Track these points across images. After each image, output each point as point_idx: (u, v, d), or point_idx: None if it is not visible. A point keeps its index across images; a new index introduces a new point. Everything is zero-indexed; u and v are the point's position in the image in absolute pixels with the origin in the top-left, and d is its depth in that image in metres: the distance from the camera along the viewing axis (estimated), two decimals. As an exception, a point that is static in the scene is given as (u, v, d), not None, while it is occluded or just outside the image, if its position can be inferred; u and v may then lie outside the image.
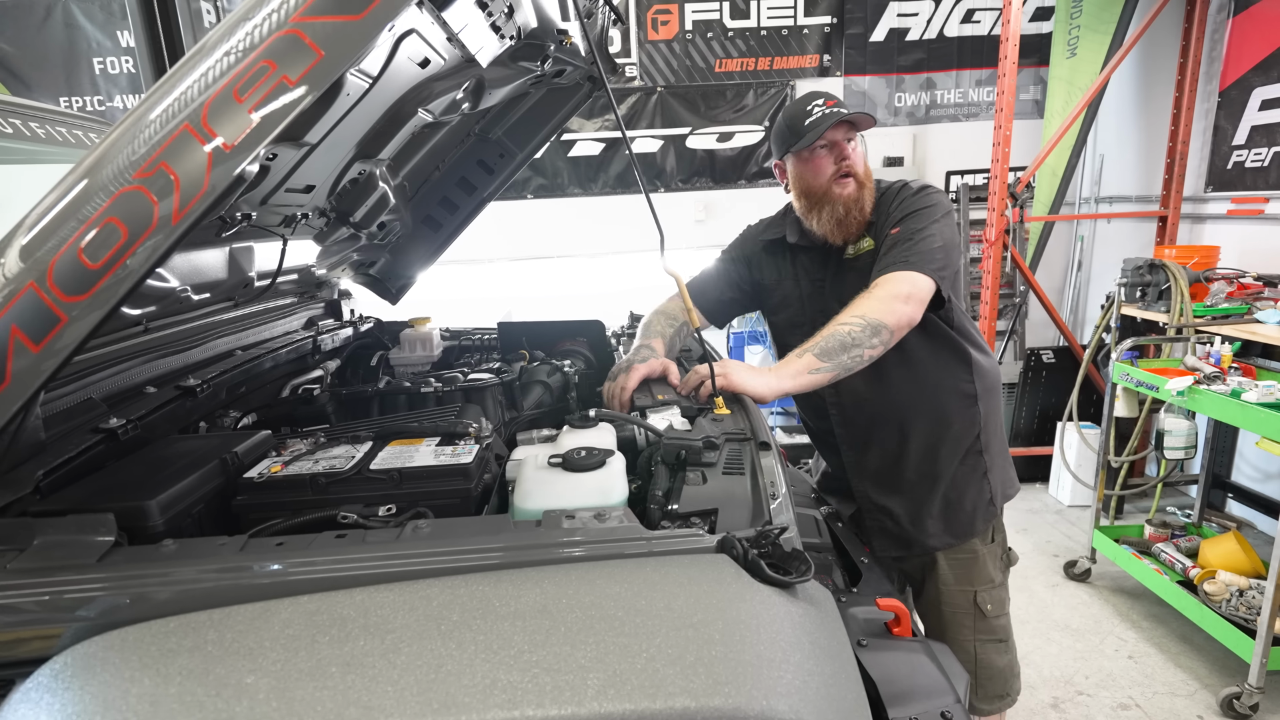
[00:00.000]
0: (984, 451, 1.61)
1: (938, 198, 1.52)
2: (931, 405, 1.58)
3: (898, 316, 1.34)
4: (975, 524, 1.61)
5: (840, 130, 1.50)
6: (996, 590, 1.64)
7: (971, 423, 1.59)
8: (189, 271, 1.23)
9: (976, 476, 1.61)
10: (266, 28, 0.70)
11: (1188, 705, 2.31)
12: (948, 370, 1.58)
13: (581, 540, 0.82)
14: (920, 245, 1.43)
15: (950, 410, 1.58)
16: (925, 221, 1.47)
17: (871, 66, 4.31)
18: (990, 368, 1.63)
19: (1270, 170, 3.25)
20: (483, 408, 1.45)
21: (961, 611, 1.62)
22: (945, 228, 1.48)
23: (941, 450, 1.59)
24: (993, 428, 1.64)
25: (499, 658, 0.63)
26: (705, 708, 0.60)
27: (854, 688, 0.73)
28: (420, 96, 1.57)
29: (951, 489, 1.60)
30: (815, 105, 1.50)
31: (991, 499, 1.62)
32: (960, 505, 1.60)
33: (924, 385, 1.57)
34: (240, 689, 0.61)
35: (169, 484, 0.91)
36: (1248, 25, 3.36)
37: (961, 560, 1.62)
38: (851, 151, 1.51)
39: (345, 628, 0.67)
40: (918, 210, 1.49)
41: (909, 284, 1.37)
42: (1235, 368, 2.58)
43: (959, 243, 1.53)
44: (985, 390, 1.61)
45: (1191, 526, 3.00)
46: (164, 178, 0.68)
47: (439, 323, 2.27)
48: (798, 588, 0.81)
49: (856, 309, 1.36)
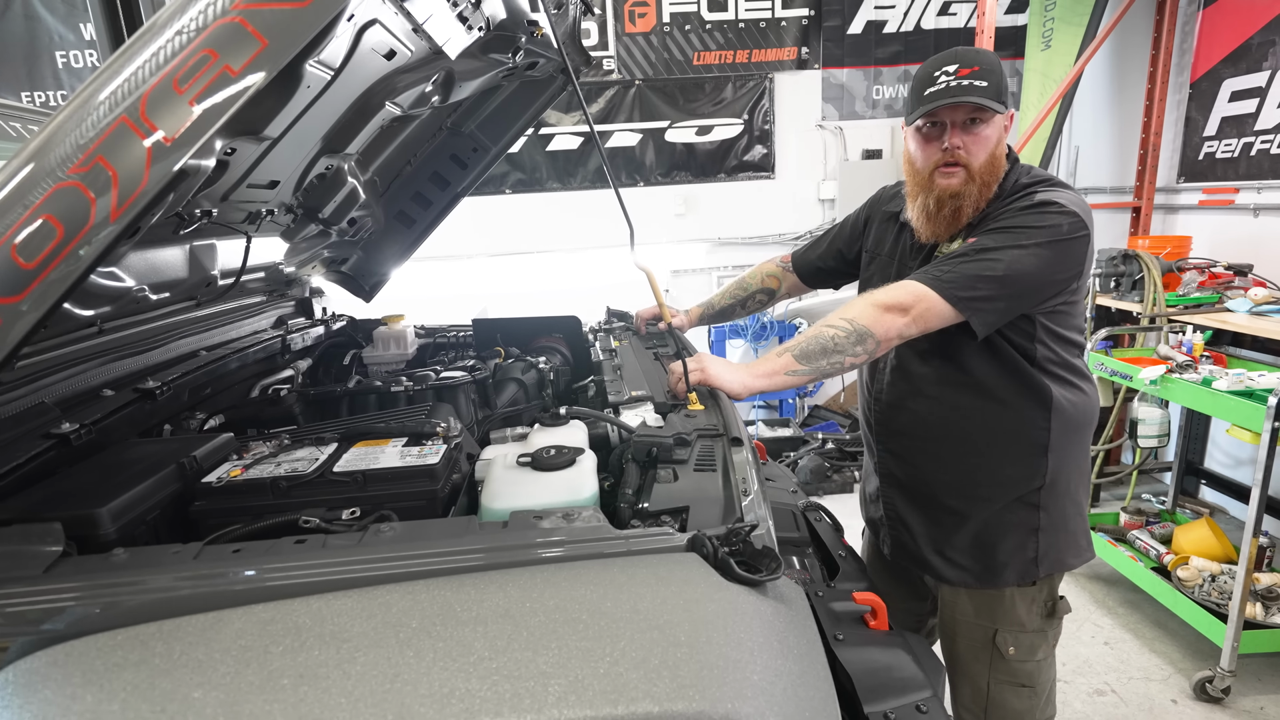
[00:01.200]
0: (1041, 507, 1.39)
1: (1055, 220, 1.23)
2: (982, 438, 1.38)
3: (887, 328, 1.23)
4: (1004, 576, 1.42)
5: (961, 112, 1.25)
6: (1026, 636, 1.44)
7: (1033, 473, 1.38)
8: (146, 270, 1.19)
9: (1021, 530, 1.40)
10: (209, 14, 0.67)
11: (1162, 689, 2.35)
12: (1016, 407, 1.35)
13: (548, 541, 0.80)
14: (967, 266, 1.23)
15: (1007, 450, 1.38)
16: (1006, 242, 1.23)
17: (849, 59, 4.31)
18: (1077, 414, 1.37)
19: (1240, 161, 3.30)
20: (455, 407, 1.42)
21: (978, 646, 1.46)
22: (1030, 257, 1.22)
23: (983, 489, 1.40)
24: (1063, 485, 1.40)
25: (458, 665, 0.62)
26: (669, 712, 0.58)
27: (823, 686, 0.72)
28: (388, 89, 1.54)
29: (985, 531, 1.41)
30: (944, 72, 1.24)
31: (1036, 560, 1.40)
32: (992, 553, 1.42)
33: (981, 416, 1.37)
34: (187, 703, 0.59)
35: (122, 490, 0.88)
36: (1217, 17, 3.40)
37: (986, 595, 1.45)
38: (970, 139, 1.26)
39: (300, 637, 0.65)
40: (1013, 227, 1.25)
41: (912, 297, 1.23)
42: (1207, 356, 2.61)
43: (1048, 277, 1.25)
44: (1061, 439, 1.36)
45: (1165, 513, 3.04)
46: (101, 173, 0.65)
47: (414, 320, 2.24)
48: (768, 585, 0.81)
49: (848, 311, 1.26)
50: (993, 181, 1.30)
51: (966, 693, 1.53)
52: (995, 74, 1.24)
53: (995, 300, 1.22)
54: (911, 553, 1.52)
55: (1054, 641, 1.48)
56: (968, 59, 1.24)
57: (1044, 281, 1.25)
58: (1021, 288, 1.23)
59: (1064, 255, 1.24)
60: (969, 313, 1.23)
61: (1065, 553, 1.43)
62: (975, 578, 1.44)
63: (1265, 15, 3.13)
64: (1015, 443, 1.37)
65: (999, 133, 1.28)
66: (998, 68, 1.26)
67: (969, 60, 1.24)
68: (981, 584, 1.43)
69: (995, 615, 1.45)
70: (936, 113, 1.26)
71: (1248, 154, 3.25)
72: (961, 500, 1.42)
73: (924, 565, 1.51)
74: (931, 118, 1.27)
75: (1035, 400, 1.34)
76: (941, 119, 1.27)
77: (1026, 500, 1.39)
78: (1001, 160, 1.31)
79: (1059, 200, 1.24)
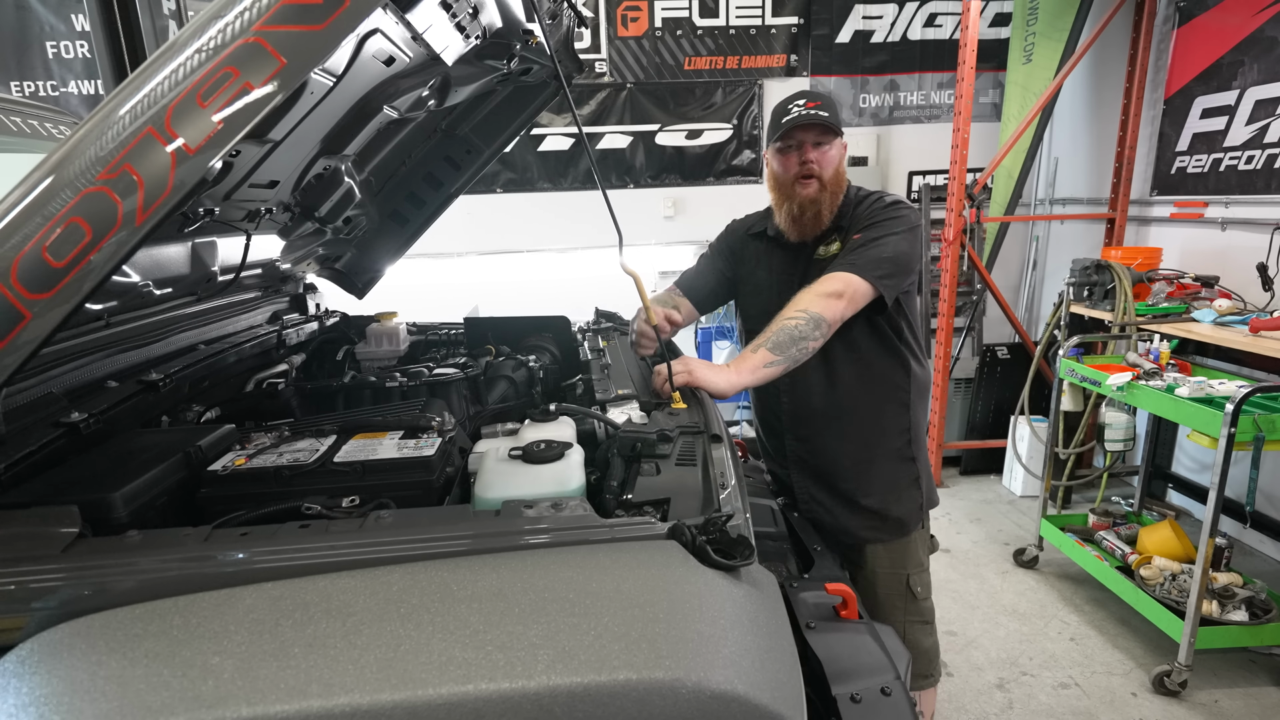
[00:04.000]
0: (914, 459, 1.73)
1: (906, 213, 1.59)
2: (872, 404, 1.67)
3: (833, 311, 1.44)
4: (907, 524, 1.72)
5: (811, 132, 1.56)
6: (924, 574, 1.76)
7: (903, 428, 1.70)
8: (151, 266, 1.23)
9: (907, 481, 1.72)
10: (229, 34, 0.72)
11: (1123, 683, 2.45)
12: (890, 373, 1.67)
13: (538, 528, 0.86)
14: (870, 252, 1.51)
15: (886, 412, 1.69)
16: (883, 232, 1.55)
17: (837, 67, 4.40)
18: (924, 379, 1.73)
19: (1209, 176, 3.42)
20: (447, 402, 1.48)
21: (895, 594, 1.73)
22: (902, 241, 1.54)
23: (871, 449, 1.69)
24: (919, 436, 1.75)
25: (455, 637, 0.67)
26: (646, 679, 0.65)
27: (789, 661, 0.79)
28: (386, 93, 1.59)
29: (884, 490, 1.69)
30: (796, 104, 1.57)
31: (921, 505, 1.74)
32: (894, 507, 1.70)
33: (869, 385, 1.66)
34: (206, 669, 0.64)
35: (133, 477, 0.93)
36: (1191, 37, 3.52)
37: (896, 545, 1.73)
38: (819, 154, 1.57)
39: (308, 611, 0.71)
40: (881, 221, 1.57)
41: (843, 283, 1.46)
42: (1172, 364, 2.72)
43: (916, 257, 1.58)
44: (917, 397, 1.71)
45: (1132, 515, 3.15)
46: (127, 179, 0.70)
47: (406, 317, 2.29)
48: (741, 571, 0.87)
49: (799, 304, 1.45)
50: (838, 192, 1.62)
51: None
52: (833, 108, 1.58)
53: (894, 275, 1.51)
54: (829, 526, 1.69)
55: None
56: (813, 96, 1.59)
57: (914, 257, 1.57)
58: (903, 264, 1.53)
59: (918, 238, 1.58)
60: (882, 288, 1.49)
61: (932, 493, 1.77)
62: (888, 533, 1.70)
63: (1235, 36, 3.24)
64: (889, 403, 1.67)
65: (840, 153, 1.61)
66: (834, 105, 1.61)
67: (814, 97, 1.58)
68: (893, 536, 1.70)
69: (905, 560, 1.73)
70: (793, 133, 1.56)
71: (1217, 169, 3.37)
72: (860, 465, 1.68)
73: (843, 533, 1.70)
74: (789, 139, 1.57)
75: (900, 366, 1.66)
76: (796, 139, 1.56)
77: (903, 455, 1.70)
78: (843, 175, 1.64)
79: (902, 200, 1.63)
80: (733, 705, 0.66)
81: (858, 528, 1.70)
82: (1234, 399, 2.13)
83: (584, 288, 3.55)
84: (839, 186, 1.62)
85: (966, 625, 2.81)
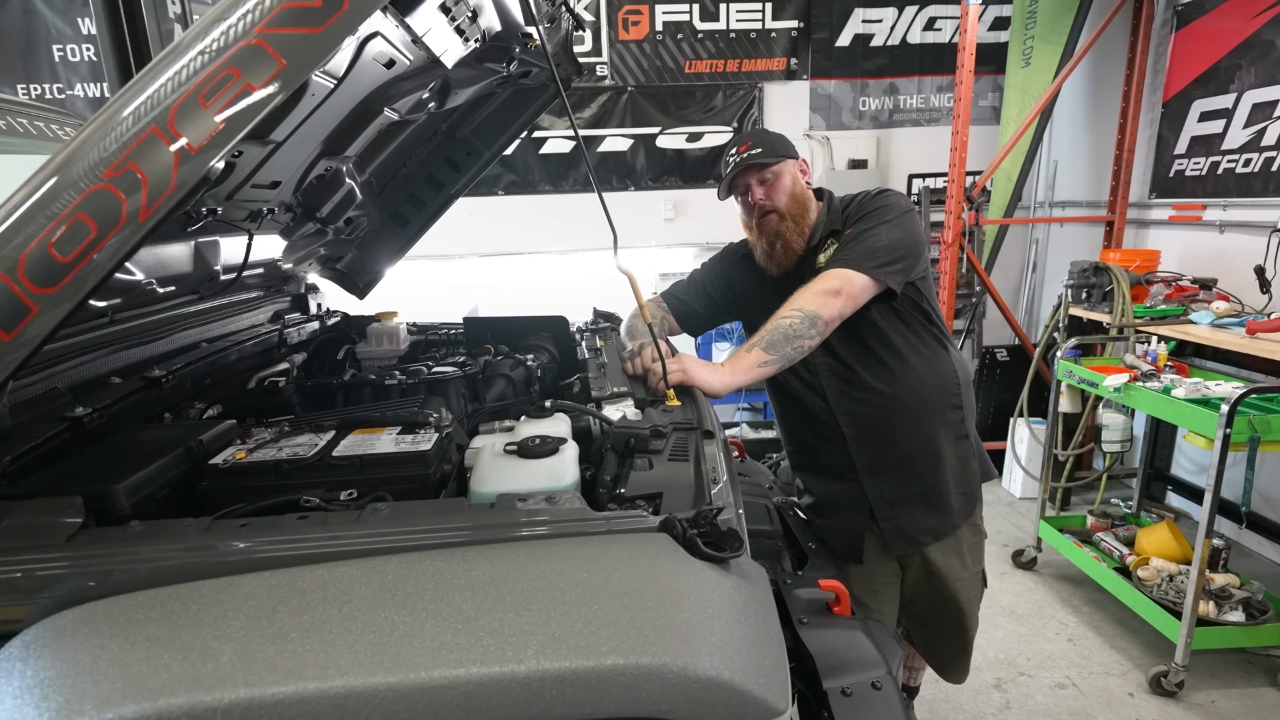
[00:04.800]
0: (967, 435, 1.71)
1: (893, 199, 1.60)
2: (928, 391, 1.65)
3: (830, 309, 1.44)
4: (972, 505, 1.73)
5: (751, 174, 1.60)
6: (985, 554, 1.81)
7: (957, 407, 1.68)
8: (154, 265, 1.25)
9: (967, 457, 1.71)
10: (231, 36, 0.74)
11: (1120, 684, 2.45)
12: (935, 359, 1.65)
13: (531, 521, 0.88)
14: (862, 244, 1.52)
15: (943, 395, 1.66)
16: (873, 223, 1.55)
17: (837, 71, 4.42)
18: (963, 360, 1.73)
19: (1207, 179, 3.43)
20: (445, 400, 1.49)
21: (976, 593, 1.76)
22: (895, 228, 1.54)
23: (942, 436, 1.66)
24: (971, 414, 1.73)
25: (448, 623, 0.69)
26: (633, 665, 0.66)
27: (775, 650, 0.80)
28: (386, 96, 1.61)
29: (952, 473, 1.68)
30: (730, 155, 1.61)
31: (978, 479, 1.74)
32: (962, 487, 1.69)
33: (920, 374, 1.63)
34: (206, 653, 0.66)
35: (135, 469, 0.95)
36: (1189, 40, 3.54)
37: (974, 542, 1.75)
38: (766, 190, 1.59)
39: (305, 598, 0.72)
40: (870, 212, 1.58)
41: (840, 280, 1.47)
42: (1170, 366, 2.73)
43: (915, 238, 1.57)
44: (964, 380, 1.70)
45: (1130, 516, 3.16)
46: (132, 176, 0.72)
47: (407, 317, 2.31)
48: (731, 563, 0.88)
49: (795, 303, 1.45)
50: (802, 213, 1.62)
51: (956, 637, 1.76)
52: (768, 140, 1.61)
53: (894, 262, 1.50)
54: (909, 530, 1.66)
55: None
56: (743, 140, 1.61)
57: (913, 241, 1.56)
58: (900, 250, 1.52)
59: (913, 220, 1.58)
60: (883, 276, 1.49)
61: (988, 464, 1.77)
62: (963, 516, 1.69)
63: (1232, 40, 3.26)
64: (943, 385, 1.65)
65: (791, 176, 1.62)
66: (769, 136, 1.63)
67: (744, 139, 1.62)
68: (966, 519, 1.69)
69: (979, 555, 1.75)
70: (737, 183, 1.61)
71: (1215, 172, 3.38)
72: (933, 456, 1.65)
73: (927, 531, 1.67)
74: (736, 187, 1.63)
75: (941, 348, 1.66)
76: (742, 185, 1.62)
77: (960, 434, 1.68)
78: (804, 194, 1.64)
79: (888, 189, 1.63)
80: (718, 690, 0.68)
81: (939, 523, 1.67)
82: (1229, 400, 2.14)
83: (584, 289, 3.57)
84: (801, 207, 1.62)
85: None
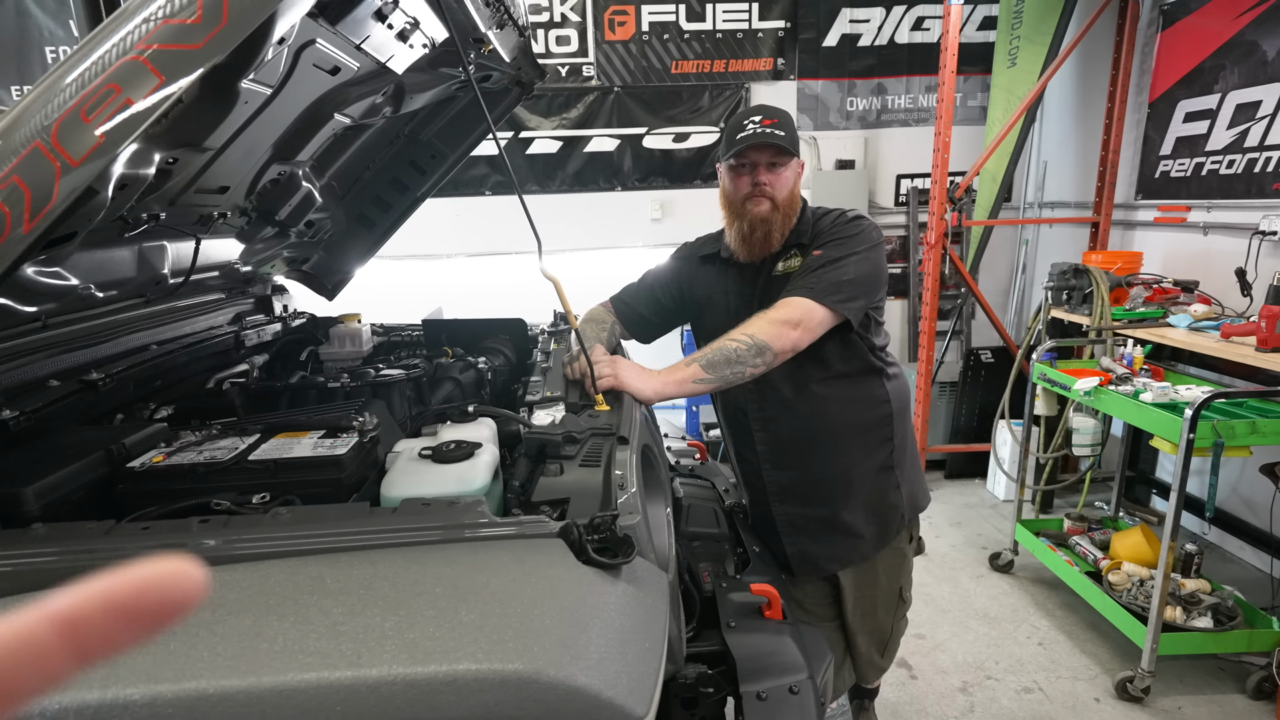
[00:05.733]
0: (895, 467, 1.69)
1: (867, 229, 1.55)
2: (855, 421, 1.63)
3: (783, 341, 1.40)
4: (889, 533, 1.70)
5: (766, 153, 1.50)
6: (911, 576, 1.84)
7: (887, 438, 1.66)
8: (92, 269, 1.28)
9: (890, 490, 1.69)
10: (115, 53, 0.76)
11: (1087, 688, 2.44)
12: (870, 388, 1.63)
13: (428, 526, 0.89)
14: (830, 275, 1.47)
15: (867, 425, 1.64)
16: (844, 251, 1.50)
17: (824, 71, 4.41)
18: (902, 389, 1.70)
19: (1192, 180, 3.40)
20: (389, 403, 1.51)
21: (892, 604, 1.78)
22: (865, 261, 1.50)
23: (856, 468, 1.65)
24: (903, 444, 1.70)
25: (312, 628, 0.70)
26: (486, 670, 0.67)
27: (651, 658, 0.81)
28: (336, 101, 1.62)
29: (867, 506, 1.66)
30: (751, 121, 1.50)
31: (902, 511, 1.71)
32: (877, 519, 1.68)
33: (849, 403, 1.61)
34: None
35: (49, 471, 0.97)
36: (1175, 40, 3.50)
37: (893, 565, 1.75)
38: (773, 177, 1.51)
39: (182, 602, 0.74)
40: (843, 239, 1.52)
41: (801, 312, 1.42)
42: (1145, 369, 2.71)
43: (880, 273, 1.55)
44: (898, 409, 1.68)
45: (1108, 520, 3.14)
46: (16, 190, 0.74)
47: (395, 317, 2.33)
48: (624, 569, 0.90)
49: (748, 327, 1.42)
50: (792, 213, 1.57)
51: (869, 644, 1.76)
52: (790, 128, 1.51)
53: (856, 298, 1.48)
54: (813, 556, 1.67)
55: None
56: (770, 112, 1.50)
57: (877, 277, 1.54)
58: (865, 285, 1.50)
59: (881, 254, 1.55)
60: (845, 311, 1.47)
61: (918, 497, 1.77)
62: (874, 546, 1.69)
63: (1217, 40, 3.22)
64: (871, 418, 1.64)
65: (795, 175, 1.56)
66: (792, 124, 1.53)
67: (771, 114, 1.50)
68: (874, 550, 1.69)
69: (900, 574, 1.77)
70: (746, 153, 1.50)
71: (1199, 173, 3.35)
72: (844, 486, 1.65)
73: (831, 559, 1.67)
74: (742, 158, 1.51)
75: (878, 379, 1.62)
76: (750, 159, 1.51)
77: (885, 465, 1.67)
78: (798, 197, 1.60)
79: (864, 215, 1.58)
80: (572, 696, 0.69)
81: (847, 551, 1.66)
82: (1193, 404, 2.13)
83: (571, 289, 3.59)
84: (793, 208, 1.57)
85: (936, 629, 2.81)
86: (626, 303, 1.79)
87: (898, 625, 1.84)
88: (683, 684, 1.15)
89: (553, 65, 4.31)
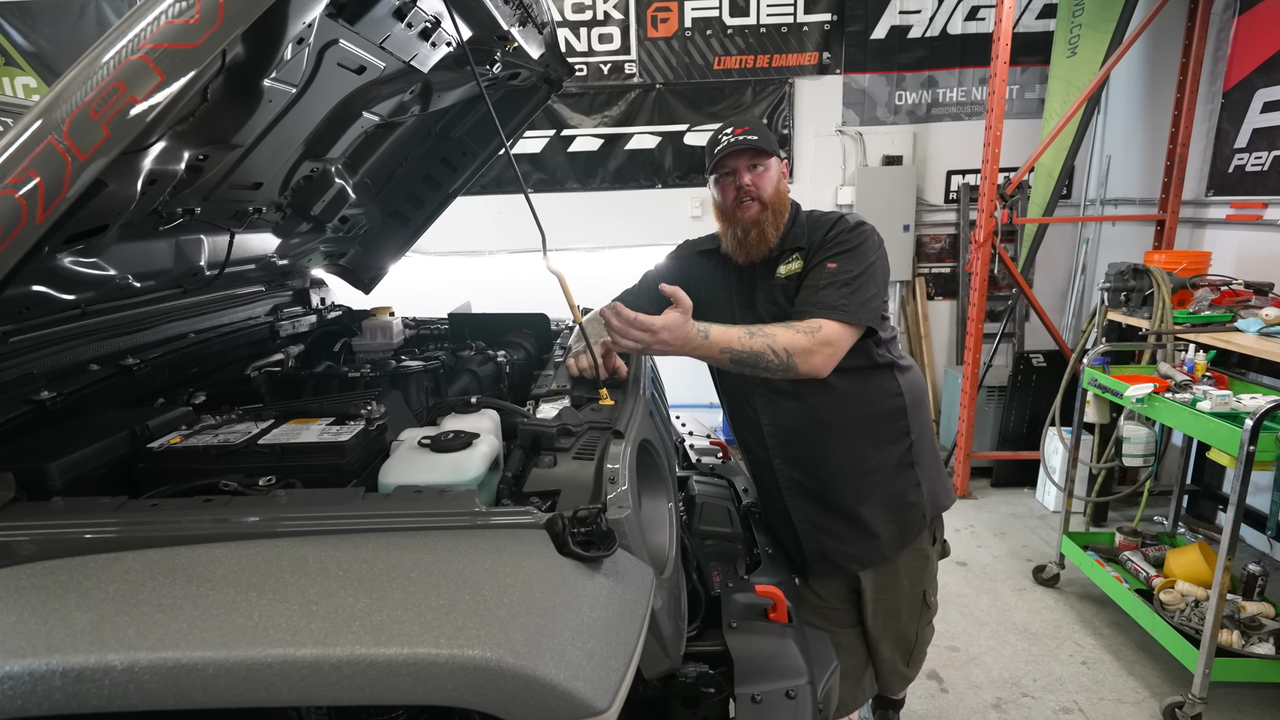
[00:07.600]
0: (915, 464, 1.65)
1: (871, 233, 1.57)
2: (865, 415, 1.61)
3: (810, 366, 1.42)
4: (908, 536, 1.66)
5: (744, 158, 1.56)
6: (936, 579, 1.79)
7: (902, 434, 1.63)
8: (129, 261, 1.35)
9: (909, 488, 1.65)
10: (125, 52, 0.80)
11: (1132, 712, 2.31)
12: (880, 380, 1.61)
13: (416, 513, 0.91)
14: (859, 293, 1.48)
15: (880, 420, 1.62)
16: (862, 264, 1.52)
17: (872, 64, 4.29)
18: (915, 382, 1.67)
19: (1270, 175, 3.16)
20: (405, 393, 1.55)
21: (916, 608, 1.74)
22: (878, 271, 1.54)
23: (871, 462, 1.62)
24: (922, 440, 1.67)
25: (286, 605, 0.73)
26: (445, 655, 0.69)
27: (623, 656, 0.80)
28: (364, 99, 1.67)
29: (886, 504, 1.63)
30: (725, 134, 1.57)
31: (923, 510, 1.66)
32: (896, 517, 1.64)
33: (859, 396, 1.59)
34: (66, 621, 0.72)
35: (74, 449, 1.03)
36: (1253, 24, 3.26)
37: (916, 567, 1.71)
38: (755, 177, 1.56)
39: (172, 576, 0.78)
40: (854, 249, 1.53)
41: (836, 335, 1.44)
42: (1208, 376, 2.54)
43: (888, 276, 1.60)
44: (913, 403, 1.65)
45: (1164, 535, 2.96)
46: (31, 182, 0.79)
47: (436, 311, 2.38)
48: (604, 563, 0.89)
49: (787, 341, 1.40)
50: (781, 210, 1.60)
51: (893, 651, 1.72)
52: (763, 131, 1.58)
53: (875, 303, 1.52)
54: (829, 552, 1.63)
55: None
56: (739, 122, 1.59)
57: (886, 278, 1.58)
58: (884, 291, 1.56)
59: (886, 259, 1.58)
60: (873, 322, 1.50)
61: (941, 498, 1.72)
62: (894, 547, 1.64)
63: (1300, 23, 2.99)
64: (883, 410, 1.62)
65: (777, 172, 1.60)
66: (764, 127, 1.60)
67: (740, 123, 1.58)
68: (898, 549, 1.65)
69: (924, 577, 1.72)
70: (725, 161, 1.57)
71: (1278, 168, 3.12)
72: (860, 481, 1.62)
73: (849, 557, 1.64)
74: (724, 167, 1.58)
75: (887, 373, 1.61)
76: (730, 166, 1.57)
77: (903, 462, 1.64)
78: (785, 193, 1.63)
79: (863, 220, 1.59)
80: (530, 685, 0.69)
81: (866, 552, 1.63)
82: (1255, 414, 1.98)
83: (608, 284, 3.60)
84: (781, 205, 1.60)
85: (971, 641, 2.71)
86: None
87: (923, 632, 1.79)
88: (683, 683, 1.14)
89: (595, 63, 4.33)
